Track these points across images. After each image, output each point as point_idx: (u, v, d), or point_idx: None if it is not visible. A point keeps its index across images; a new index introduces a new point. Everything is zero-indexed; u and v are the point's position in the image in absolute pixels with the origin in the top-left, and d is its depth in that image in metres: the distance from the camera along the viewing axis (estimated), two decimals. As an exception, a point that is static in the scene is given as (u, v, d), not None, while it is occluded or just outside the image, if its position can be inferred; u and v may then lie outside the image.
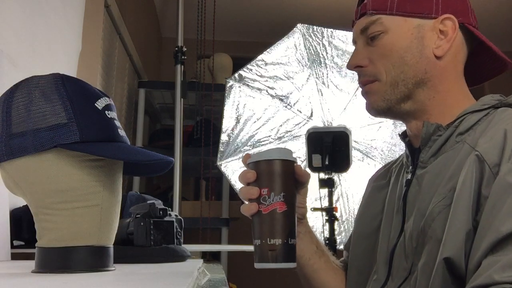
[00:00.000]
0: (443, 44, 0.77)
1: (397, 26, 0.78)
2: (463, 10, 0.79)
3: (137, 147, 0.70)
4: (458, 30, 0.77)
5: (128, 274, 0.66)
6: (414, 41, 0.77)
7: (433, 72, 0.77)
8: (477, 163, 0.66)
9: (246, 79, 2.22)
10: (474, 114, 0.74)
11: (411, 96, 0.78)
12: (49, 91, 0.62)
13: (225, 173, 2.21)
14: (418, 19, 0.77)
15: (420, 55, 0.77)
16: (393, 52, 0.78)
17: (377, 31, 0.78)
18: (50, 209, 0.62)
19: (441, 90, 0.77)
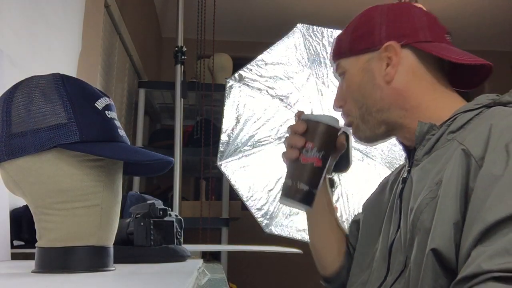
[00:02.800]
0: (390, 70, 0.83)
1: (352, 66, 0.87)
2: (410, 30, 0.84)
3: (137, 147, 0.70)
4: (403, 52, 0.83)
5: (128, 274, 0.66)
6: (365, 76, 0.86)
7: (390, 96, 0.84)
8: (463, 157, 0.69)
9: (246, 79, 2.22)
10: (466, 113, 0.77)
11: (382, 121, 0.85)
12: (49, 91, 0.62)
13: (225, 173, 2.21)
14: (368, 54, 0.85)
15: (373, 86, 0.85)
16: (352, 90, 0.87)
17: (340, 73, 0.90)
18: (50, 209, 0.62)
19: (410, 107, 0.83)
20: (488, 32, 3.85)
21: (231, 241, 2.69)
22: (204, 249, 2.02)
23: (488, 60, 0.82)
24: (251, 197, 2.19)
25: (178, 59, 2.41)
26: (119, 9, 2.26)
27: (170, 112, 3.20)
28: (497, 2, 3.47)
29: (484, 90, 1.91)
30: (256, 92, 2.23)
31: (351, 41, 0.87)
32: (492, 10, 3.55)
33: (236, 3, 3.38)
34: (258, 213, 2.18)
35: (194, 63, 2.86)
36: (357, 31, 0.87)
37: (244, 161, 2.23)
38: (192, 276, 0.60)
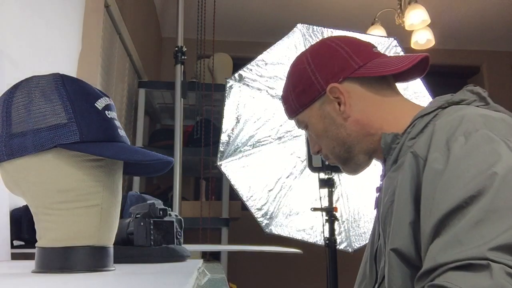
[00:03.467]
0: (343, 108, 0.88)
1: (309, 117, 0.93)
2: (340, 66, 0.89)
3: (137, 147, 0.70)
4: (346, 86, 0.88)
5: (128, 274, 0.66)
6: (325, 120, 0.91)
7: (354, 129, 0.89)
8: (412, 159, 0.74)
9: (246, 79, 2.22)
10: (423, 117, 0.80)
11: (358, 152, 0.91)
12: (49, 91, 0.62)
13: (225, 173, 2.21)
14: (317, 102, 0.91)
15: (336, 127, 0.90)
16: (321, 136, 0.93)
17: (303, 126, 0.96)
18: (50, 209, 0.62)
19: (375, 130, 0.88)
20: (488, 32, 3.85)
21: (231, 241, 2.69)
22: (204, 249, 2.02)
23: (488, 60, 0.85)
24: (251, 197, 2.19)
25: (178, 59, 2.41)
26: (119, 9, 2.26)
27: (170, 112, 3.20)
28: (497, 2, 3.47)
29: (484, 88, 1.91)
30: (256, 92, 2.23)
31: (297, 98, 0.93)
32: (492, 10, 3.55)
33: (236, 3, 3.38)
34: (258, 213, 2.18)
35: (194, 63, 2.86)
36: (297, 88, 0.92)
37: (244, 161, 2.23)
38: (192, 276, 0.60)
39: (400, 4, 2.92)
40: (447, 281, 0.58)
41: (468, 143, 0.66)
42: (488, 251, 0.56)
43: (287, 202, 2.21)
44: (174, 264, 0.86)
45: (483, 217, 0.59)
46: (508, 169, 0.62)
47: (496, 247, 0.57)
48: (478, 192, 0.61)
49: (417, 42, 2.99)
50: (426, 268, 0.62)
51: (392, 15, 2.97)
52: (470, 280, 0.56)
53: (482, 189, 0.61)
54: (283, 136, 2.23)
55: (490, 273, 0.55)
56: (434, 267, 0.60)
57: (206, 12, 2.57)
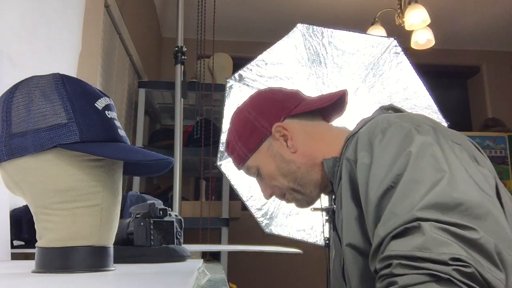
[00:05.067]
0: (290, 142, 0.96)
1: (259, 160, 0.98)
2: (279, 108, 0.98)
3: (137, 147, 0.70)
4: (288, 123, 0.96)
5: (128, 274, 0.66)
6: (275, 159, 0.97)
7: (303, 161, 0.96)
8: (347, 164, 0.82)
9: (246, 79, 2.22)
10: (353, 136, 0.87)
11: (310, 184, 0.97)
12: (49, 91, 0.62)
13: (225, 173, 2.21)
14: (264, 143, 0.98)
15: (286, 163, 0.96)
16: (274, 176, 0.98)
17: (255, 171, 1.01)
18: (50, 209, 0.62)
19: (319, 161, 0.95)
20: (488, 32, 3.85)
21: (231, 241, 2.69)
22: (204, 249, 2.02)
23: (488, 60, 0.86)
24: (251, 197, 2.19)
25: (178, 59, 2.41)
26: (119, 9, 2.26)
27: (170, 112, 3.20)
28: (497, 2, 3.47)
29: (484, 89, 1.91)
30: (256, 92, 2.23)
31: (244, 144, 0.99)
32: (492, 10, 3.55)
33: (236, 3, 3.38)
34: (258, 213, 2.18)
35: (194, 63, 2.86)
36: (243, 135, 0.99)
37: (244, 161, 2.23)
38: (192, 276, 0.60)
39: (400, 4, 2.92)
40: (390, 249, 0.63)
41: (385, 136, 0.76)
42: (417, 212, 0.63)
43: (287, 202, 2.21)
44: (174, 264, 0.86)
45: (407, 188, 0.67)
46: (420, 146, 0.71)
47: (422, 207, 0.63)
48: (399, 170, 0.69)
49: (417, 42, 2.99)
50: (374, 246, 0.67)
51: (392, 15, 2.97)
52: (407, 242, 0.61)
53: (403, 167, 0.69)
54: (283, 136, 2.23)
55: (422, 231, 0.61)
56: (378, 243, 0.66)
57: (206, 12, 2.57)
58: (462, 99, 4.32)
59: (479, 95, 4.24)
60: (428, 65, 3.49)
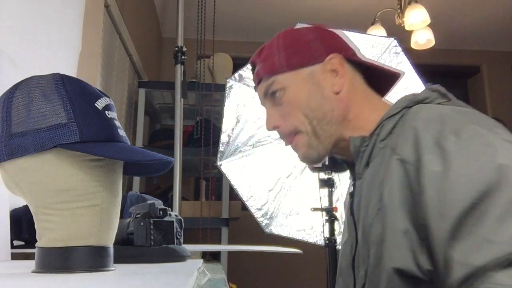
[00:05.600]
0: (338, 80, 0.85)
1: (293, 80, 0.86)
2: (342, 46, 0.88)
3: (137, 147, 0.70)
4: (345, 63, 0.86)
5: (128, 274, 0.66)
6: (313, 88, 0.85)
7: (339, 107, 0.85)
8: (399, 165, 0.71)
9: (246, 79, 2.22)
10: (390, 118, 0.80)
11: (331, 134, 0.86)
12: (49, 91, 0.62)
13: (225, 173, 2.21)
14: (308, 68, 0.86)
15: (323, 98, 0.85)
16: (299, 104, 0.86)
17: (277, 90, 0.87)
18: (50, 209, 0.62)
19: (352, 117, 0.85)
20: (488, 32, 3.85)
21: (231, 241, 2.69)
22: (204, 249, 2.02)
23: (488, 60, 0.85)
24: (251, 197, 2.19)
25: (178, 59, 2.41)
26: (119, 9, 2.26)
27: (170, 112, 3.20)
28: (497, 2, 3.47)
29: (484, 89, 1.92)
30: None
31: (286, 57, 0.86)
32: (492, 10, 3.55)
33: (236, 3, 3.38)
34: (258, 213, 2.18)
35: (194, 63, 2.87)
36: (291, 47, 0.87)
37: (244, 161, 2.23)
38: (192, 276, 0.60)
39: (400, 4, 2.92)
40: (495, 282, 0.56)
41: (460, 140, 0.66)
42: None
43: (287, 202, 2.22)
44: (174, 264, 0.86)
45: (505, 211, 0.58)
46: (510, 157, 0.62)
47: None
48: (489, 186, 0.60)
49: (417, 42, 2.99)
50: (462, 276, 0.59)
51: (392, 15, 2.97)
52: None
53: (493, 183, 0.60)
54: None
55: None
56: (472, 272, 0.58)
57: (206, 12, 2.57)
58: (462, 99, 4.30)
59: (479, 95, 4.24)
60: (428, 65, 3.49)
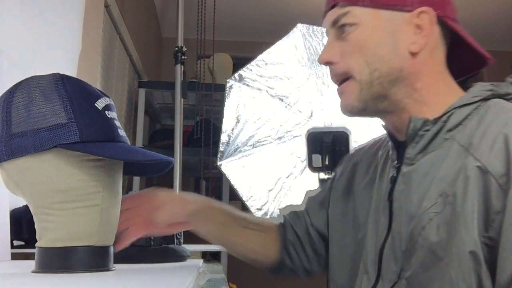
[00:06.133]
0: (419, 40, 0.72)
1: (370, 19, 0.73)
2: (442, 2, 0.74)
3: (137, 147, 0.70)
4: (435, 25, 0.73)
5: (128, 274, 0.66)
6: (387, 36, 0.73)
7: (410, 69, 0.72)
8: (479, 175, 0.62)
9: (246, 79, 2.22)
10: (463, 108, 0.70)
11: (387, 95, 0.74)
12: (49, 91, 0.62)
13: (225, 173, 2.21)
14: (392, 12, 0.73)
15: (394, 51, 0.72)
16: (365, 48, 0.73)
17: (348, 24, 0.74)
18: (50, 209, 0.62)
19: (419, 87, 0.73)
20: (488, 32, 3.85)
21: (231, 241, 2.68)
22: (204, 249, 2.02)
23: None
24: (251, 197, 2.19)
25: (178, 59, 2.40)
26: (119, 9, 2.26)
27: (170, 112, 3.19)
28: (497, 2, 3.47)
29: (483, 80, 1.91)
30: (256, 92, 2.23)
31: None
32: (492, 10, 3.55)
33: (236, 3, 3.38)
34: (258, 213, 2.18)
35: (194, 63, 2.86)
36: None
37: (244, 161, 2.23)
38: (192, 276, 0.60)
39: (400, 4, 2.91)
40: None
41: None
42: None
43: (287, 202, 2.21)
44: (174, 264, 0.86)
45: None
46: None
47: None
48: None
49: (417, 42, 2.99)
50: None
51: (392, 15, 2.97)
52: None
53: None
54: (283, 136, 2.23)
55: None
56: None
57: (206, 12, 2.57)
58: (462, 99, 4.31)
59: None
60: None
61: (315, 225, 0.93)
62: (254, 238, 0.93)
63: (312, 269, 0.95)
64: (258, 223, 0.95)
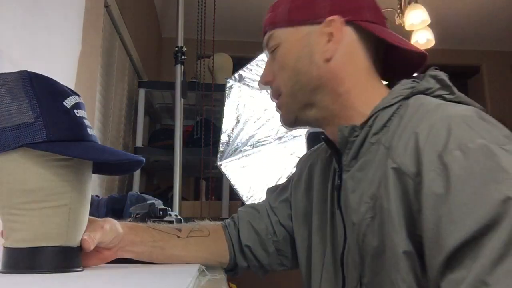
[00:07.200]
0: (330, 47, 0.76)
1: (289, 38, 0.78)
2: (355, 7, 0.77)
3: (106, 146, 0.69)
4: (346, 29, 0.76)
5: (128, 274, 0.66)
6: (304, 50, 0.77)
7: (328, 76, 0.76)
8: (397, 176, 0.64)
9: (246, 79, 2.22)
10: (385, 110, 0.72)
11: (314, 103, 0.78)
12: (16, 89, 0.61)
13: (225, 173, 2.21)
14: (308, 27, 0.77)
15: (310, 62, 0.76)
16: (287, 64, 0.79)
17: (273, 45, 0.80)
18: (17, 209, 0.61)
19: (343, 92, 0.76)
20: (488, 32, 3.85)
21: (231, 241, 2.68)
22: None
23: (488, 60, 0.80)
24: (251, 197, 2.19)
25: (178, 59, 2.40)
26: (119, 9, 2.26)
27: (170, 112, 3.19)
28: (497, 2, 3.47)
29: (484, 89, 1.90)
30: (256, 92, 2.23)
31: (290, 10, 0.78)
32: (492, 10, 3.55)
33: (236, 3, 3.38)
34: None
35: (194, 63, 2.86)
36: (298, 1, 0.79)
37: (244, 161, 2.23)
38: (192, 276, 0.60)
39: (400, 4, 2.91)
40: None
41: (467, 159, 0.57)
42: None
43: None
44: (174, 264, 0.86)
45: (504, 251, 0.52)
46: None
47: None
48: (492, 220, 0.53)
49: (417, 42, 2.99)
50: None
51: (392, 15, 2.97)
52: None
53: (496, 217, 0.53)
54: (283, 136, 2.23)
55: None
56: None
57: (206, 12, 2.57)
58: (462, 99, 4.31)
59: (479, 95, 4.23)
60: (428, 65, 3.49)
61: (283, 223, 0.93)
62: (198, 246, 0.89)
63: (272, 267, 0.94)
64: (200, 229, 0.91)
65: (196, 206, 2.63)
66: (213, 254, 0.91)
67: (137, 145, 2.71)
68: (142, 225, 0.86)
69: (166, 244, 0.85)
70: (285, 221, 0.92)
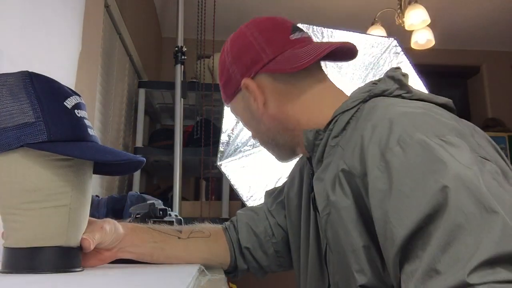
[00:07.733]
0: (259, 103, 0.82)
1: (236, 108, 0.88)
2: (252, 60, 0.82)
3: (106, 146, 0.69)
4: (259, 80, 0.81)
5: (128, 274, 0.66)
6: (247, 113, 0.86)
7: (274, 123, 0.83)
8: (347, 177, 0.67)
9: (246, 79, 2.22)
10: (344, 113, 0.75)
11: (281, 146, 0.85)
12: (17, 89, 0.61)
13: (225, 173, 2.21)
14: (238, 95, 0.85)
15: (256, 121, 0.85)
16: (247, 125, 0.89)
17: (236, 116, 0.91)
18: (17, 209, 0.61)
19: (293, 126, 0.81)
20: (488, 32, 3.85)
21: (231, 241, 2.68)
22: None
23: (488, 60, 0.80)
24: (251, 197, 2.19)
25: (178, 59, 2.40)
26: (119, 9, 2.26)
27: (170, 112, 3.19)
28: (497, 2, 3.47)
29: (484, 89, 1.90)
30: (256, 92, 2.23)
31: (223, 90, 0.89)
32: (492, 10, 3.55)
33: (236, 3, 3.38)
34: (258, 213, 2.18)
35: (194, 63, 2.86)
36: (222, 80, 0.88)
37: (244, 161, 2.23)
38: (192, 276, 0.60)
39: (400, 4, 2.91)
40: None
41: (406, 154, 0.59)
42: (468, 276, 0.50)
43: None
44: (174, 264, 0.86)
45: (449, 238, 0.53)
46: (456, 178, 0.55)
47: (474, 268, 0.50)
48: (433, 209, 0.55)
49: (417, 42, 2.99)
50: None
51: (392, 15, 2.97)
52: None
53: (437, 206, 0.55)
54: (283, 136, 2.23)
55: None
56: None
57: (206, 12, 2.57)
58: (462, 99, 4.31)
59: (479, 95, 4.23)
60: (428, 65, 3.49)
61: (281, 224, 0.95)
62: (199, 247, 0.91)
63: (271, 268, 0.97)
64: (201, 230, 0.93)
65: (196, 206, 2.63)
66: (214, 255, 0.92)
67: (137, 145, 2.71)
68: (142, 226, 0.87)
69: (166, 244, 0.86)
70: (283, 223, 0.95)
